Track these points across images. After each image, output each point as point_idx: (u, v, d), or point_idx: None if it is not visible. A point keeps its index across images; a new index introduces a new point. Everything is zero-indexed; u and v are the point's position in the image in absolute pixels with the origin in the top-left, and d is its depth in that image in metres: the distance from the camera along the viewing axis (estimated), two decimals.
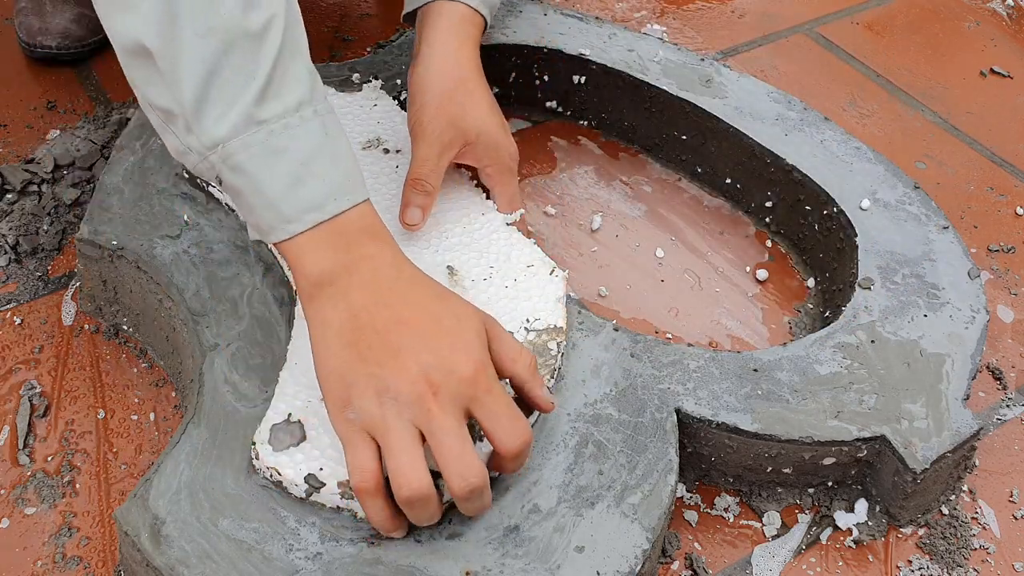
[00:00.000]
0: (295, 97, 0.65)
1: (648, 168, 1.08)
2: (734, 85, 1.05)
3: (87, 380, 0.84)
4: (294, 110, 0.65)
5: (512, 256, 0.83)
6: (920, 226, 0.93)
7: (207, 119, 0.64)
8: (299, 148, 0.65)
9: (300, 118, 0.65)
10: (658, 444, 0.74)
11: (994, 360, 0.93)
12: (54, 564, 0.73)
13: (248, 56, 0.64)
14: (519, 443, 0.64)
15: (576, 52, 1.06)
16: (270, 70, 0.64)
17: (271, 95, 0.64)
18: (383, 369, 0.62)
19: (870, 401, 0.78)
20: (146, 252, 0.82)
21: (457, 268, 0.82)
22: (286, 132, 0.65)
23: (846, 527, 0.79)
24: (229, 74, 0.63)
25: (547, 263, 0.83)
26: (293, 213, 0.65)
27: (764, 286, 0.97)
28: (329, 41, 1.21)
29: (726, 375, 0.79)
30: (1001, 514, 0.81)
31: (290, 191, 0.65)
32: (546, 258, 0.84)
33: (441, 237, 0.85)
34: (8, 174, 0.98)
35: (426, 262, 0.82)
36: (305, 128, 0.65)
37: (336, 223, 0.66)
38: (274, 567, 0.64)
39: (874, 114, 1.19)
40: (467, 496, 0.63)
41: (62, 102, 1.09)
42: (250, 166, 0.65)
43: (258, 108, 0.64)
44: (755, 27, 1.31)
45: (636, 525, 0.69)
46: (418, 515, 0.64)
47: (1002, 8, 1.39)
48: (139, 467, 0.79)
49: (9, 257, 0.92)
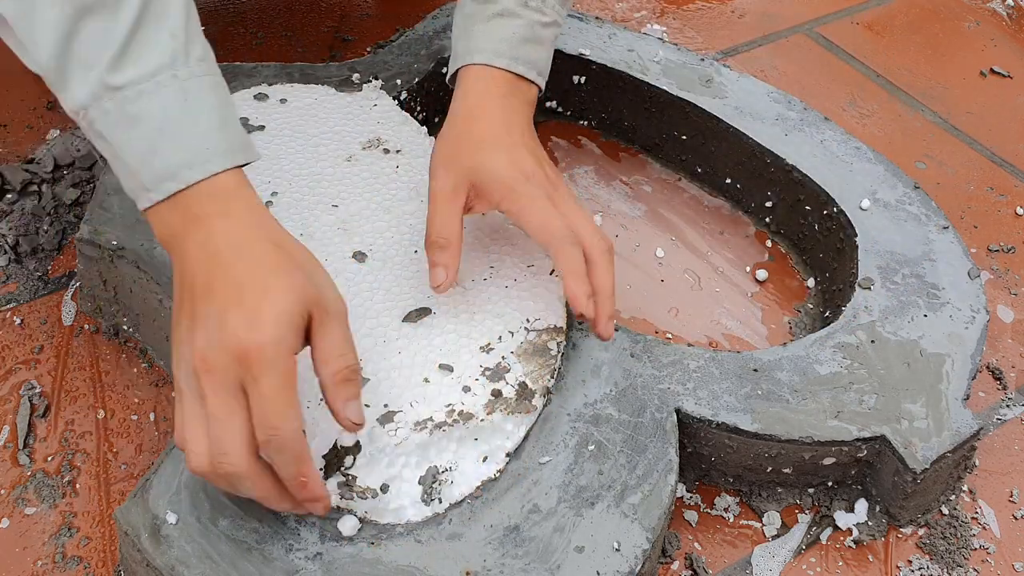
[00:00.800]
0: (152, 63, 0.64)
1: (648, 168, 1.08)
2: (734, 85, 1.05)
3: (87, 380, 0.84)
4: (150, 76, 0.63)
5: (512, 256, 0.83)
6: (920, 226, 0.93)
7: (70, 85, 0.64)
8: (154, 115, 0.63)
9: (155, 84, 0.63)
10: (658, 444, 0.74)
11: (994, 360, 0.93)
12: (54, 564, 0.73)
13: (102, 23, 0.63)
14: (264, 441, 0.61)
15: (576, 52, 1.06)
16: (126, 36, 0.63)
17: (127, 61, 0.63)
18: (184, 336, 0.63)
19: (870, 401, 0.78)
20: (146, 252, 0.82)
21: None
22: (140, 99, 0.63)
23: (846, 527, 0.79)
24: (84, 40, 0.63)
25: (548, 263, 0.83)
26: (150, 182, 0.64)
27: (764, 286, 0.97)
28: (329, 41, 1.21)
29: (726, 375, 0.79)
30: (1001, 514, 0.81)
31: (146, 159, 0.64)
32: (547, 258, 0.84)
33: None
34: (8, 174, 0.98)
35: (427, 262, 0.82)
36: (160, 95, 0.64)
37: (191, 191, 0.64)
38: (274, 567, 0.64)
39: (874, 114, 1.19)
40: (227, 479, 0.62)
41: None
42: (108, 133, 0.64)
43: (112, 74, 0.63)
44: (755, 27, 1.31)
45: (636, 525, 0.69)
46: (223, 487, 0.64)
47: (1002, 8, 1.39)
48: (139, 467, 0.79)
49: (9, 257, 0.92)
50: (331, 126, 0.94)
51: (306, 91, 0.98)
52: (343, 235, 0.83)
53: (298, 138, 0.92)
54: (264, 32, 1.21)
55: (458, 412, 0.72)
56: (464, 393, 0.73)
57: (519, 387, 0.74)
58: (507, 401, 0.73)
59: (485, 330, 0.78)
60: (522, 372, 0.75)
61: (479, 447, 0.71)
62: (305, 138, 0.92)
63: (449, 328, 0.77)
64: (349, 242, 0.83)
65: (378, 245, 0.83)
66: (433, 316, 0.78)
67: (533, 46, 0.81)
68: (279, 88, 0.97)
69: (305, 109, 0.96)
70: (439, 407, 0.72)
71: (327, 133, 0.93)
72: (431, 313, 0.78)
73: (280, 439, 0.61)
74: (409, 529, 0.67)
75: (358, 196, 0.87)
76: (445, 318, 0.78)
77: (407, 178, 0.89)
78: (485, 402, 0.73)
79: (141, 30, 0.64)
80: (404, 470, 0.69)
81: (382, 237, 0.84)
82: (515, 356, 0.76)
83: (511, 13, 0.80)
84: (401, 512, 0.68)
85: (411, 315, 0.78)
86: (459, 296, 0.80)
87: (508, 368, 0.75)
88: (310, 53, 1.18)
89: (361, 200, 0.87)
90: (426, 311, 0.78)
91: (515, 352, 0.76)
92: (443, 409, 0.72)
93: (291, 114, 0.95)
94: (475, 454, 0.71)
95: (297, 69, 1.01)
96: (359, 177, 0.89)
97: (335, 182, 0.88)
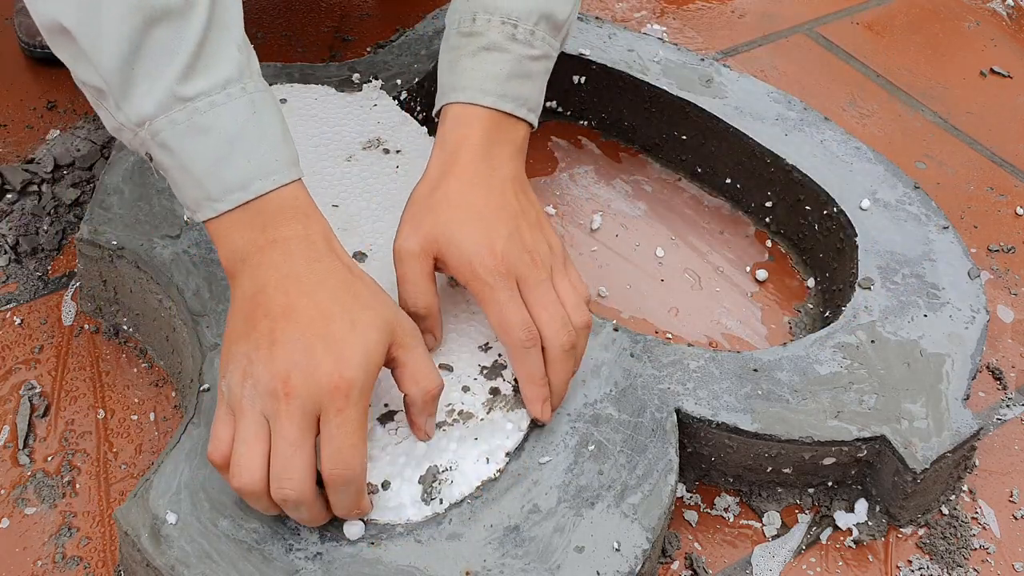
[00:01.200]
0: (222, 75, 0.64)
1: (648, 168, 1.08)
2: (734, 85, 1.05)
3: (87, 380, 0.84)
4: (221, 88, 0.64)
5: None
6: (920, 226, 0.93)
7: (134, 96, 0.64)
8: (225, 126, 0.64)
9: (227, 96, 0.64)
10: (658, 444, 0.74)
11: (994, 360, 0.93)
12: (54, 564, 0.73)
13: (171, 33, 0.63)
14: (335, 475, 0.62)
15: (576, 52, 1.06)
16: (195, 47, 0.63)
17: (197, 72, 0.64)
18: (256, 353, 0.62)
19: (870, 401, 0.78)
20: (146, 252, 0.82)
21: None
22: (212, 110, 0.64)
23: (846, 527, 0.79)
24: (152, 51, 0.63)
25: None
26: (218, 192, 0.65)
27: (764, 286, 0.97)
28: (329, 41, 1.21)
29: (726, 375, 0.79)
30: (1001, 514, 0.81)
31: (215, 170, 0.64)
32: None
33: None
34: (8, 174, 0.98)
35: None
36: (231, 106, 0.64)
37: (259, 203, 0.65)
38: (274, 567, 0.64)
39: (874, 114, 1.19)
40: (281, 502, 0.63)
41: (62, 102, 1.09)
42: (176, 144, 0.64)
43: (183, 85, 0.63)
44: (755, 27, 1.31)
45: (636, 525, 0.69)
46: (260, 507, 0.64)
47: (1002, 8, 1.39)
48: (139, 467, 0.79)
49: (9, 257, 0.92)
50: (331, 126, 0.94)
51: (306, 91, 0.98)
52: (343, 235, 0.83)
53: (298, 138, 0.92)
54: (264, 32, 1.21)
55: (458, 412, 0.72)
56: (463, 393, 0.73)
57: (516, 383, 0.74)
58: (505, 398, 0.73)
59: (483, 329, 0.78)
60: None
61: (479, 447, 0.71)
62: (305, 138, 0.92)
63: (448, 328, 0.77)
64: (349, 242, 0.83)
65: (378, 245, 0.83)
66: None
67: (522, 81, 0.76)
68: (279, 88, 0.97)
69: (305, 109, 0.96)
70: (439, 407, 0.72)
71: (327, 133, 0.93)
72: None
73: (349, 476, 0.62)
74: (409, 529, 0.67)
75: (358, 196, 0.87)
76: (444, 318, 0.78)
77: (407, 178, 0.89)
78: (484, 401, 0.73)
79: (209, 41, 0.64)
80: (404, 469, 0.69)
81: (382, 237, 0.84)
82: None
83: (498, 47, 0.75)
84: (401, 511, 0.68)
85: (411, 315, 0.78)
86: (459, 296, 0.80)
87: (504, 365, 0.75)
88: (310, 53, 1.18)
89: (361, 200, 0.87)
90: None
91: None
92: (443, 409, 0.72)
93: (291, 114, 0.95)
94: (475, 454, 0.71)
95: (297, 69, 1.01)
96: (359, 177, 0.89)
97: (335, 182, 0.88)
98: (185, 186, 0.66)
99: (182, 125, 0.64)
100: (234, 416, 0.63)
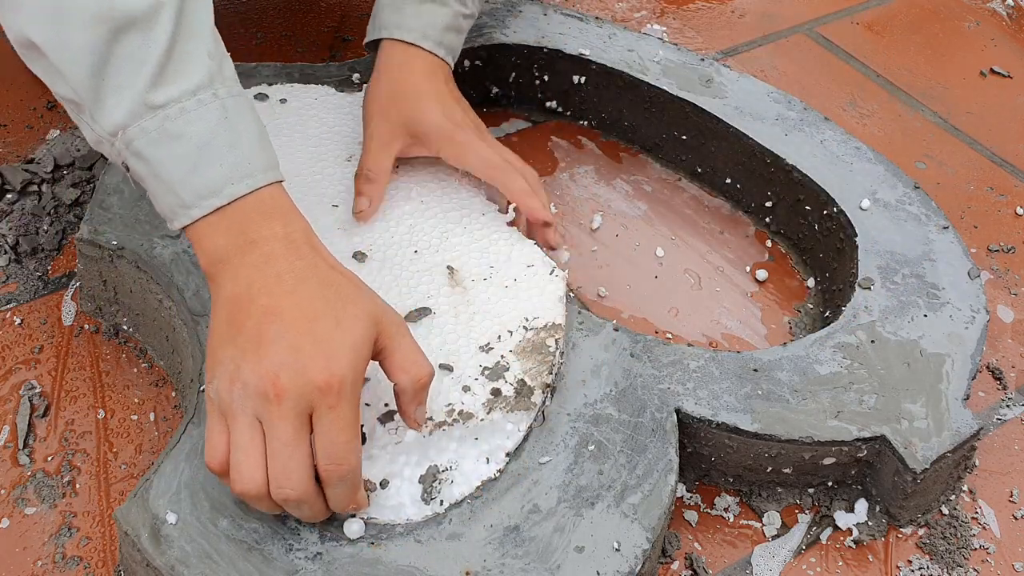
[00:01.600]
0: (192, 81, 0.64)
1: (648, 168, 1.08)
2: (734, 85, 1.05)
3: (87, 380, 0.84)
4: (191, 94, 0.64)
5: (512, 256, 0.84)
6: (920, 226, 0.93)
7: (106, 106, 0.64)
8: (196, 132, 0.64)
9: (197, 102, 0.64)
10: (658, 444, 0.74)
11: (994, 360, 0.93)
12: (54, 564, 0.73)
13: (138, 42, 0.63)
14: (331, 472, 0.62)
15: (576, 52, 1.06)
16: (163, 55, 0.63)
17: (166, 80, 0.64)
18: (243, 356, 0.62)
19: (870, 401, 0.78)
20: (146, 252, 0.82)
21: (457, 268, 0.82)
22: (182, 116, 0.64)
23: (846, 527, 0.79)
24: (120, 61, 0.63)
25: (547, 263, 0.83)
26: (191, 198, 0.65)
27: (764, 286, 0.97)
28: (329, 41, 1.21)
29: (726, 375, 0.79)
30: (1001, 514, 0.81)
31: (188, 176, 0.64)
32: (546, 258, 0.84)
33: (441, 237, 0.85)
34: (8, 174, 0.98)
35: (427, 262, 0.82)
36: (202, 112, 0.64)
37: (235, 207, 0.65)
38: (274, 567, 0.64)
39: (874, 114, 1.19)
40: (282, 502, 0.63)
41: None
42: (148, 151, 0.64)
43: (152, 93, 0.63)
44: (755, 27, 1.31)
45: (636, 525, 0.69)
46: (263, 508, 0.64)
47: (1002, 8, 1.39)
48: (139, 467, 0.79)
49: (9, 257, 0.92)
50: (331, 126, 0.94)
51: (306, 91, 0.98)
52: (343, 235, 0.84)
53: (298, 138, 0.92)
54: (264, 32, 1.21)
55: (458, 412, 0.72)
56: (464, 393, 0.73)
57: (517, 384, 0.74)
58: (506, 399, 0.73)
59: (485, 330, 0.78)
60: (520, 370, 0.75)
61: (479, 447, 0.71)
62: (305, 138, 0.92)
63: (449, 328, 0.77)
64: (349, 242, 0.83)
65: (378, 245, 0.83)
66: (433, 316, 0.78)
67: (454, 34, 0.91)
68: (279, 88, 0.97)
69: (305, 109, 0.96)
70: (439, 407, 0.72)
71: (327, 133, 0.93)
72: (431, 313, 0.78)
73: (344, 471, 0.62)
74: (409, 529, 0.67)
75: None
76: (445, 318, 0.78)
77: (406, 178, 0.90)
78: (484, 401, 0.73)
79: (178, 48, 0.64)
80: (404, 469, 0.69)
81: (382, 237, 0.84)
82: (513, 354, 0.76)
83: (440, 2, 0.89)
84: (400, 510, 0.68)
85: (411, 315, 0.78)
86: (459, 296, 0.80)
87: (507, 367, 0.75)
88: (310, 53, 1.18)
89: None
90: (426, 311, 0.78)
91: (513, 351, 0.76)
92: (443, 409, 0.72)
93: (291, 114, 0.95)
94: (475, 454, 0.71)
95: (297, 69, 1.01)
96: None
97: (335, 182, 0.88)
98: (160, 194, 0.66)
99: (153, 133, 0.64)
100: (226, 422, 0.63)
